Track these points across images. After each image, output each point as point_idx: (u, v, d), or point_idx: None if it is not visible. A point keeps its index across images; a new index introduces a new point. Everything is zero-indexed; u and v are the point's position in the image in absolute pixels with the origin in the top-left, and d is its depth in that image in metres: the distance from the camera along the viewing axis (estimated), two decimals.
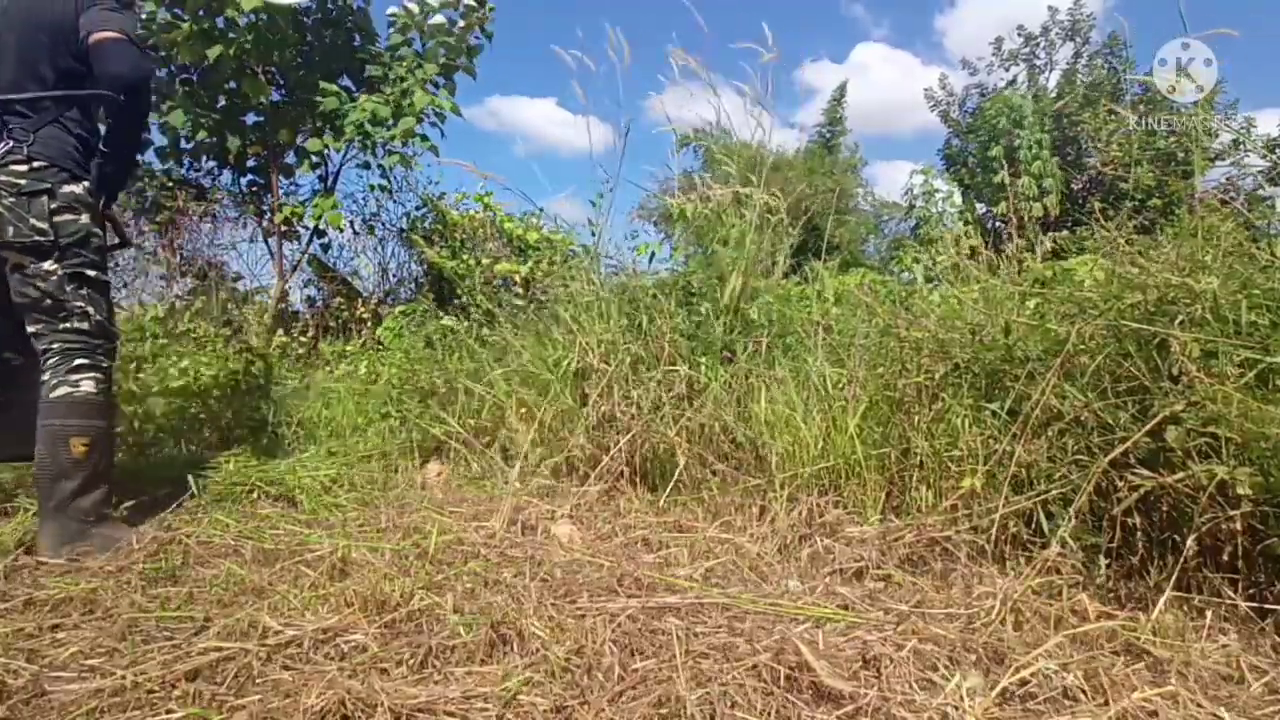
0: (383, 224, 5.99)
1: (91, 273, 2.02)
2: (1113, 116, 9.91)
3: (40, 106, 1.98)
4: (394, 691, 1.19)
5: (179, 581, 1.70)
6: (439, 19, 5.04)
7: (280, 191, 5.17)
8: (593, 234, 3.63)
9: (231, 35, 4.40)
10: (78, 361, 1.95)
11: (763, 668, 1.27)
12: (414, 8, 5.00)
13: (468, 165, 3.99)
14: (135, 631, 1.43)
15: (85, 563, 1.81)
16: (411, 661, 1.32)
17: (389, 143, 4.86)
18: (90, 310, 1.99)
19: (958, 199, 6.09)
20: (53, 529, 1.87)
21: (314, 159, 5.12)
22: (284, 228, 5.02)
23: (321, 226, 5.24)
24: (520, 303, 3.81)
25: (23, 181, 1.91)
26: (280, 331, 4.65)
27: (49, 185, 1.94)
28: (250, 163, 5.08)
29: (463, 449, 2.78)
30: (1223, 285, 1.68)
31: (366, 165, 5.46)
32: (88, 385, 1.95)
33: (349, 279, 5.89)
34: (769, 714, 1.18)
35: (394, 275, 6.05)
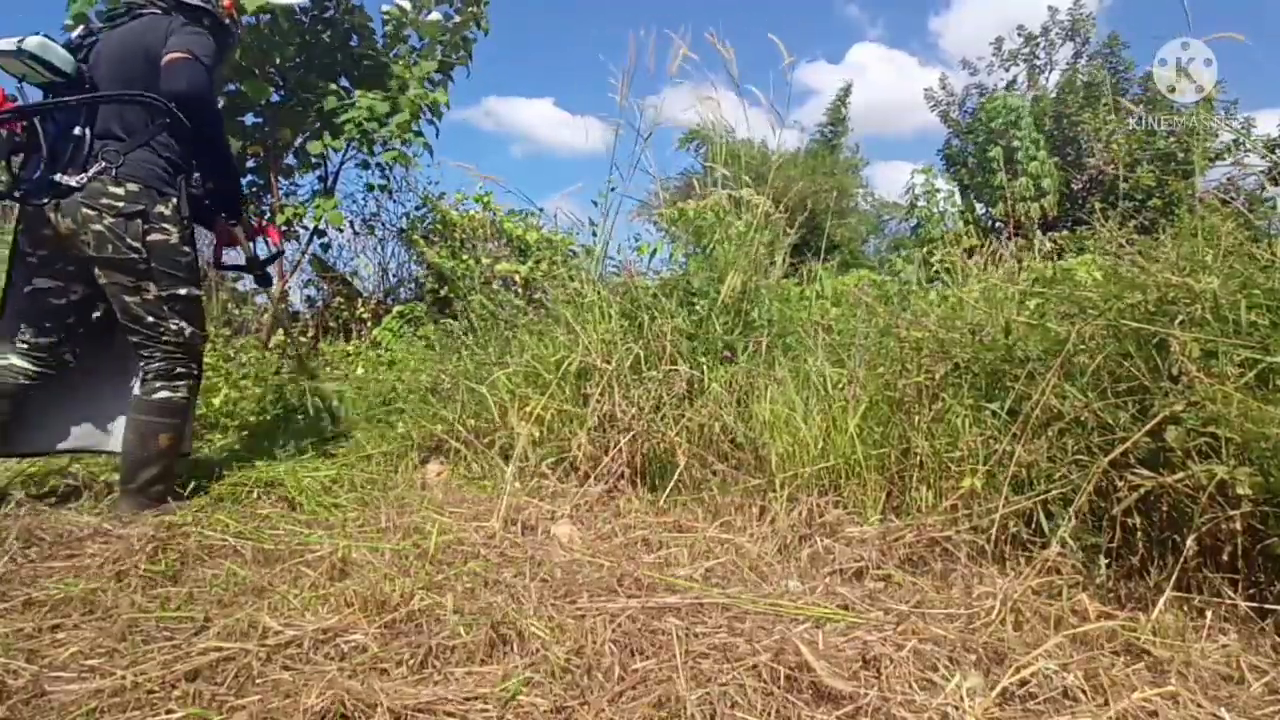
0: (383, 224, 5.99)
1: (183, 290, 2.23)
2: (1113, 117, 9.91)
3: (132, 130, 2.15)
4: (394, 692, 1.19)
5: (179, 581, 1.70)
6: (435, 15, 5.03)
7: (280, 192, 5.16)
8: (594, 234, 3.63)
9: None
10: (179, 370, 2.24)
11: (763, 668, 1.27)
12: (406, 4, 4.99)
13: (468, 167, 4.00)
14: (135, 631, 1.43)
15: (85, 562, 1.81)
16: (411, 662, 1.32)
17: (388, 140, 4.86)
18: (184, 326, 2.24)
19: (958, 199, 6.09)
20: (129, 505, 2.17)
21: (314, 159, 5.12)
22: (284, 228, 5.01)
23: (321, 226, 5.24)
24: (520, 303, 3.81)
25: (121, 204, 2.09)
26: (280, 331, 4.65)
27: (143, 207, 2.12)
28: (250, 163, 5.07)
29: (463, 449, 2.78)
30: (1223, 285, 1.68)
31: (366, 165, 5.45)
32: (182, 391, 2.25)
33: (349, 279, 5.89)
34: (769, 714, 1.18)
35: (394, 275, 6.05)
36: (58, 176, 2.06)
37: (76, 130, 2.10)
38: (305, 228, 5.32)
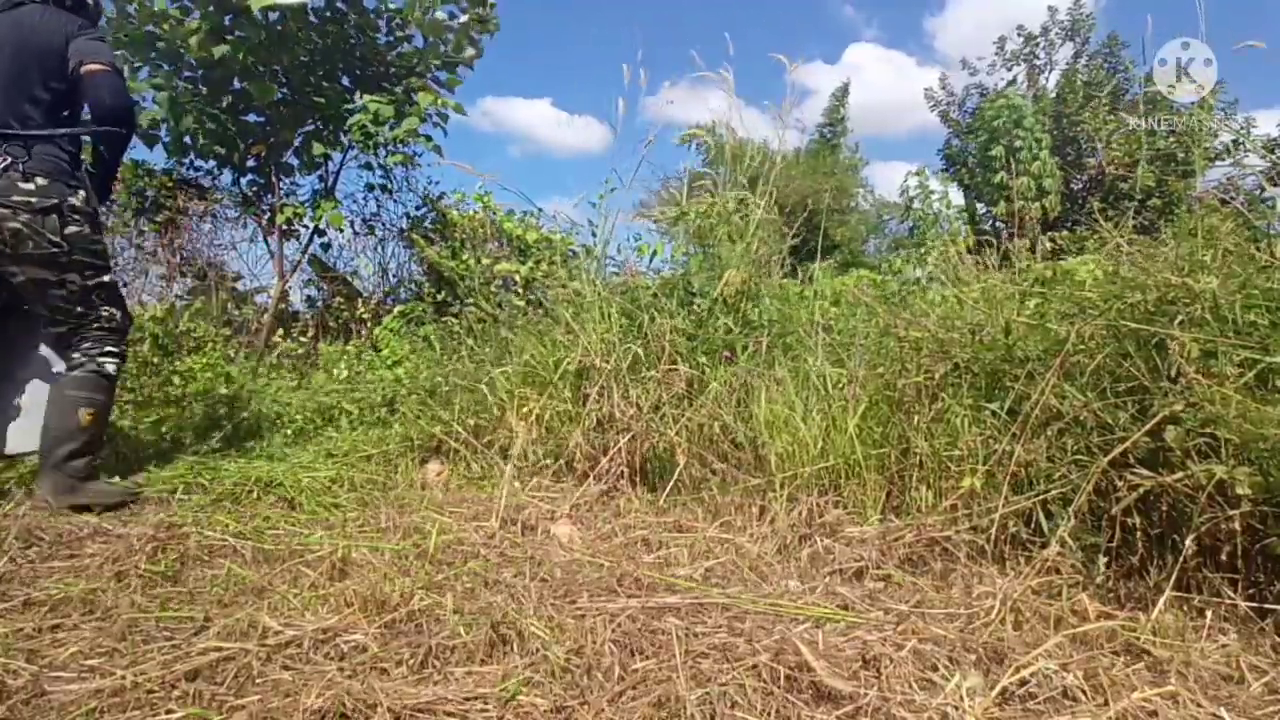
0: (383, 224, 5.99)
1: (106, 278, 2.29)
2: (1113, 117, 9.91)
3: (32, 125, 2.13)
4: (394, 692, 1.20)
5: (179, 581, 1.71)
6: (440, 14, 5.03)
7: (281, 191, 5.16)
8: (593, 234, 3.63)
9: (240, 35, 4.40)
10: (107, 348, 2.28)
11: (763, 668, 1.27)
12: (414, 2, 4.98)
13: (468, 168, 3.99)
14: (135, 631, 1.43)
15: (84, 562, 1.81)
16: (411, 661, 1.32)
17: (391, 143, 4.86)
18: (114, 311, 2.30)
19: (953, 199, 6.08)
20: (49, 483, 2.17)
21: (315, 159, 5.12)
22: (284, 227, 5.01)
23: (322, 226, 5.24)
24: (520, 303, 3.81)
25: (34, 199, 2.09)
26: (280, 331, 4.65)
27: (56, 201, 2.12)
28: (251, 162, 5.07)
29: (463, 449, 2.78)
30: (1222, 285, 1.68)
31: (368, 166, 5.45)
32: (110, 367, 2.27)
33: (349, 279, 5.88)
34: (769, 714, 1.18)
35: (394, 275, 6.04)
36: None
37: None
38: (305, 227, 5.32)
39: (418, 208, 5.91)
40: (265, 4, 4.07)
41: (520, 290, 4.20)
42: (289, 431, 3.21)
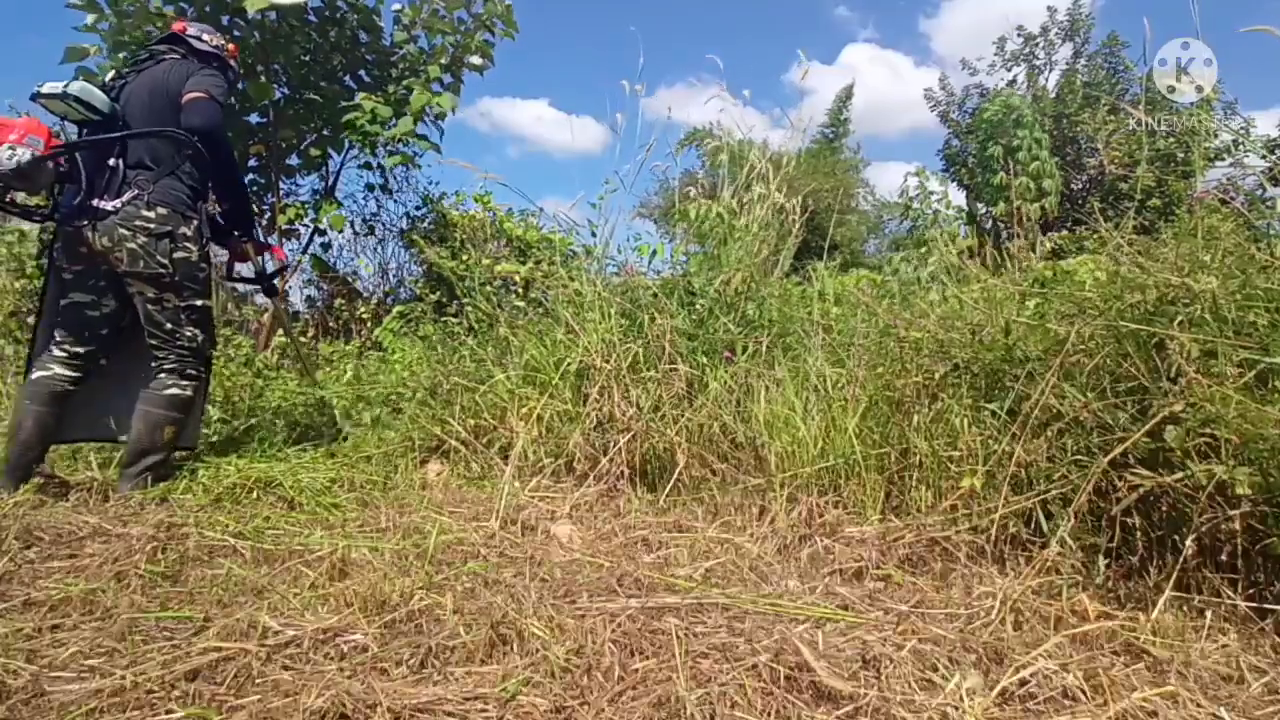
0: (383, 224, 5.99)
1: (199, 302, 2.52)
2: (1112, 117, 9.90)
3: (160, 161, 2.42)
4: (394, 692, 1.20)
5: (179, 581, 1.71)
6: (446, 18, 5.01)
7: (282, 192, 5.16)
8: (593, 234, 3.63)
9: (237, 35, 4.40)
10: (188, 371, 2.51)
11: (763, 668, 1.27)
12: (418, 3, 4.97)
13: (470, 166, 4.00)
14: (135, 631, 1.43)
15: (84, 562, 1.81)
16: (411, 661, 1.32)
17: (389, 143, 4.85)
18: (197, 333, 2.53)
19: (952, 199, 6.07)
20: (127, 484, 2.40)
21: (315, 159, 5.12)
22: (285, 226, 5.01)
23: (322, 226, 5.23)
24: (521, 304, 3.81)
25: (152, 225, 2.36)
26: (280, 332, 4.65)
27: (170, 228, 2.40)
28: (251, 162, 5.07)
29: (463, 449, 2.78)
30: (1222, 285, 1.68)
31: (368, 166, 5.45)
32: (189, 390, 2.52)
33: (349, 279, 5.88)
34: (769, 714, 1.18)
35: (394, 275, 6.04)
36: (95, 202, 2.33)
37: (111, 161, 2.37)
38: (306, 227, 5.32)
39: (418, 208, 5.91)
40: (260, 6, 4.07)
41: (521, 290, 4.20)
42: (289, 431, 3.21)
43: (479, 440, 2.78)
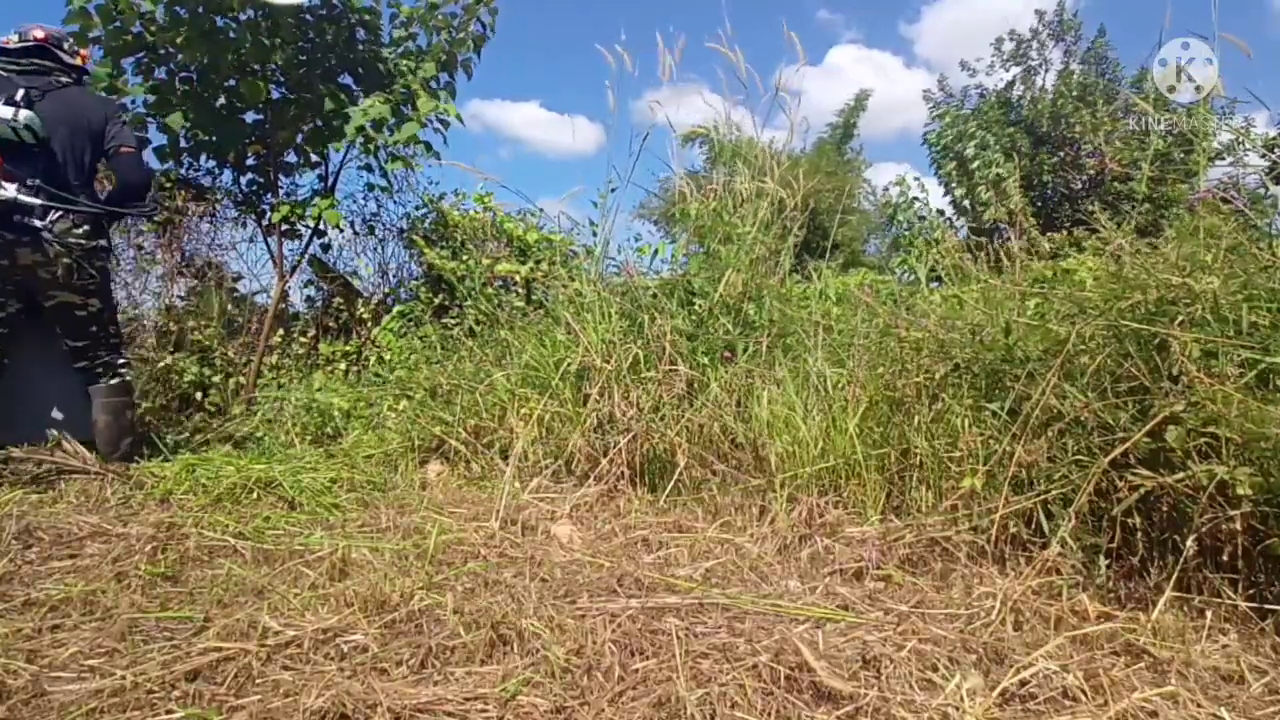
0: (383, 224, 5.97)
1: (113, 302, 2.91)
2: (1108, 119, 9.90)
3: (80, 188, 2.71)
4: (394, 692, 1.19)
5: (179, 581, 1.70)
6: (441, 13, 4.99)
7: (281, 191, 5.15)
8: (593, 234, 3.63)
9: (231, 35, 4.39)
10: (120, 361, 2.85)
11: (763, 668, 1.27)
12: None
13: (470, 168, 3.99)
14: (135, 631, 1.43)
15: (84, 562, 1.81)
16: (411, 662, 1.32)
17: (391, 147, 4.84)
18: (118, 329, 2.91)
19: (934, 204, 6.11)
20: (117, 466, 2.64)
21: (314, 159, 5.10)
22: (284, 227, 5.00)
23: (321, 226, 5.23)
24: (521, 304, 3.81)
25: (83, 241, 2.66)
26: (280, 331, 4.65)
27: (94, 244, 2.71)
28: (250, 162, 5.06)
29: (463, 449, 2.78)
30: (1223, 285, 1.68)
31: (368, 167, 5.44)
32: (128, 375, 2.89)
33: (349, 279, 5.88)
34: (769, 714, 1.18)
35: (394, 276, 6.03)
36: (29, 220, 2.57)
37: (30, 182, 2.58)
38: (306, 227, 5.31)
39: (418, 208, 5.90)
40: (254, 6, 4.06)
41: (521, 291, 4.20)
42: (290, 432, 3.22)
43: (479, 441, 2.78)
